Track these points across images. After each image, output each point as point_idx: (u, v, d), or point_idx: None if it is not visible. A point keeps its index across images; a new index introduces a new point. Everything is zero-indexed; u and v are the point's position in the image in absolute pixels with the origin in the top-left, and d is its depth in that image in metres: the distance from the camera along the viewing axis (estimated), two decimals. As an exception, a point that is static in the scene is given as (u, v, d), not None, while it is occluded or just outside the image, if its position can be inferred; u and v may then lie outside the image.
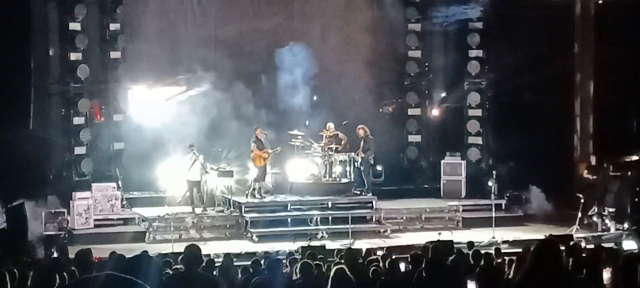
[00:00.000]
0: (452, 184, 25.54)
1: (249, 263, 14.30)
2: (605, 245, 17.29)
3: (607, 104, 25.25)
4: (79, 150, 23.67)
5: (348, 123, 23.73)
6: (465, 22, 26.30)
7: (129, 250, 15.79)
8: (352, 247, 18.20)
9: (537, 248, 6.82)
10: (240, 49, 24.61)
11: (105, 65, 24.06)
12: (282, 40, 24.87)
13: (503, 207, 24.01)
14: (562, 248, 10.36)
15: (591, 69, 26.01)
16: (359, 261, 13.64)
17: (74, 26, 23.46)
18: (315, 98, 24.78)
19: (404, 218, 23.41)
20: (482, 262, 13.29)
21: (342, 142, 23.42)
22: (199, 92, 24.04)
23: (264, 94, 24.90)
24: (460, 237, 20.12)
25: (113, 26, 24.01)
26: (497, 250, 15.97)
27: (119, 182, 23.07)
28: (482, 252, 14.44)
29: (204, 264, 11.07)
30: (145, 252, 14.52)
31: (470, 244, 17.02)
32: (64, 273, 10.09)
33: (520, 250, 14.70)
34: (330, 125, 23.51)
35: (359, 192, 23.61)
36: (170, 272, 10.36)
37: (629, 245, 18.22)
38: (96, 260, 12.80)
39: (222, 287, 10.09)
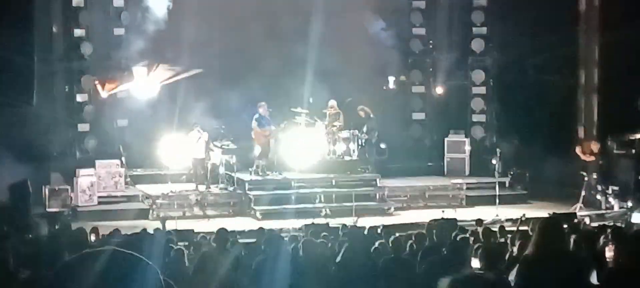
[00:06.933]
0: (455, 162, 25.53)
1: (253, 240, 14.30)
2: (609, 223, 17.27)
3: (611, 82, 25.16)
4: (83, 127, 23.66)
5: (352, 100, 23.68)
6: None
7: (133, 227, 15.84)
8: (356, 225, 18.24)
9: (540, 227, 6.84)
10: (244, 26, 24.51)
11: (109, 42, 23.99)
12: (285, 17, 24.78)
13: (507, 185, 23.98)
14: (565, 226, 10.34)
15: (596, 46, 25.91)
16: (363, 238, 13.64)
17: (78, 2, 23.41)
18: (318, 75, 24.71)
19: (408, 196, 23.41)
20: (485, 240, 13.27)
21: (340, 118, 23.34)
22: (203, 69, 23.99)
23: (267, 71, 24.81)
24: (464, 214, 20.12)
25: (117, 2, 23.96)
26: (501, 228, 15.95)
27: (123, 159, 23.07)
28: (487, 229, 14.43)
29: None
30: (158, 229, 14.64)
31: (479, 222, 17.00)
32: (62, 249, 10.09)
33: (525, 228, 14.67)
34: (333, 102, 23.46)
35: (362, 170, 23.61)
36: (175, 248, 10.39)
37: (638, 218, 18.08)
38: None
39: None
